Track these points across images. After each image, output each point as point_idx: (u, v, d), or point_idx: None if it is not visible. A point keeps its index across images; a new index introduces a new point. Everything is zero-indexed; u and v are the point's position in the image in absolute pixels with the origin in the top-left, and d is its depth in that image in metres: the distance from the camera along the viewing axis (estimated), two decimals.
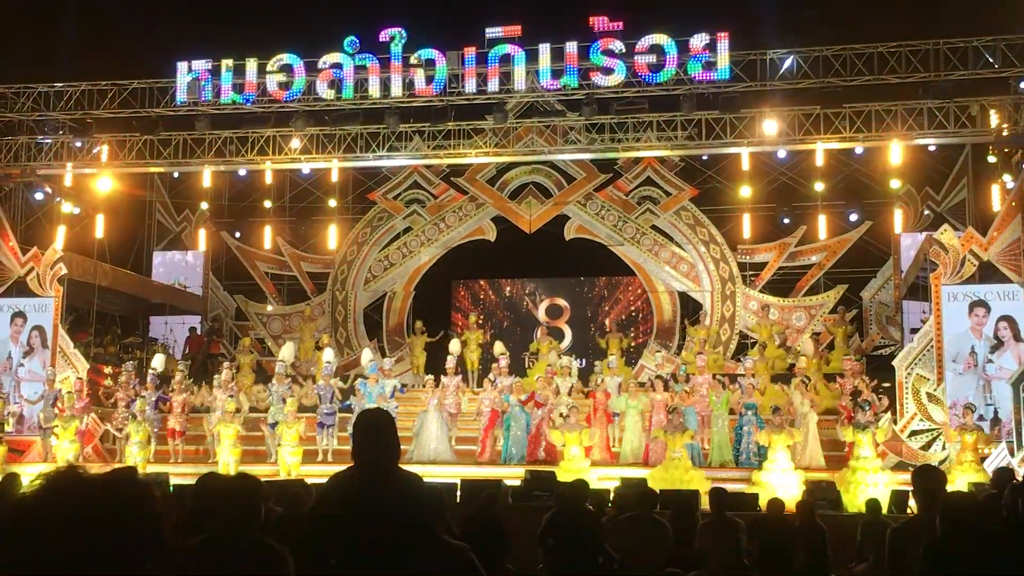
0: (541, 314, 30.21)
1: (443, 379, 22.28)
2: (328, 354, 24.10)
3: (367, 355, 23.89)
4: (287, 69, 23.26)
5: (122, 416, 22.06)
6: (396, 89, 22.93)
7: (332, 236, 30.22)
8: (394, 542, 4.11)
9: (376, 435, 4.45)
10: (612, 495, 14.52)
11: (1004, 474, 13.55)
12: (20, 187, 26.23)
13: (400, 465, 4.44)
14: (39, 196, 26.36)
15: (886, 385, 21.63)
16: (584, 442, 19.36)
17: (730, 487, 15.40)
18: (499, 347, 24.22)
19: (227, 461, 19.94)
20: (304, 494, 9.92)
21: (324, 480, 4.67)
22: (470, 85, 22.79)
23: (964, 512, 5.27)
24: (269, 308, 31.08)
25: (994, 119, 22.59)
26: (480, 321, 29.03)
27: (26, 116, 24.94)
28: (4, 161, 25.51)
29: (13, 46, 24.22)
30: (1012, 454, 18.65)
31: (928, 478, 6.30)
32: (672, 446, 18.69)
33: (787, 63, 22.25)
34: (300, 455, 20.21)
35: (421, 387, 23.68)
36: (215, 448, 21.23)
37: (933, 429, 20.68)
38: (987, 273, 21.06)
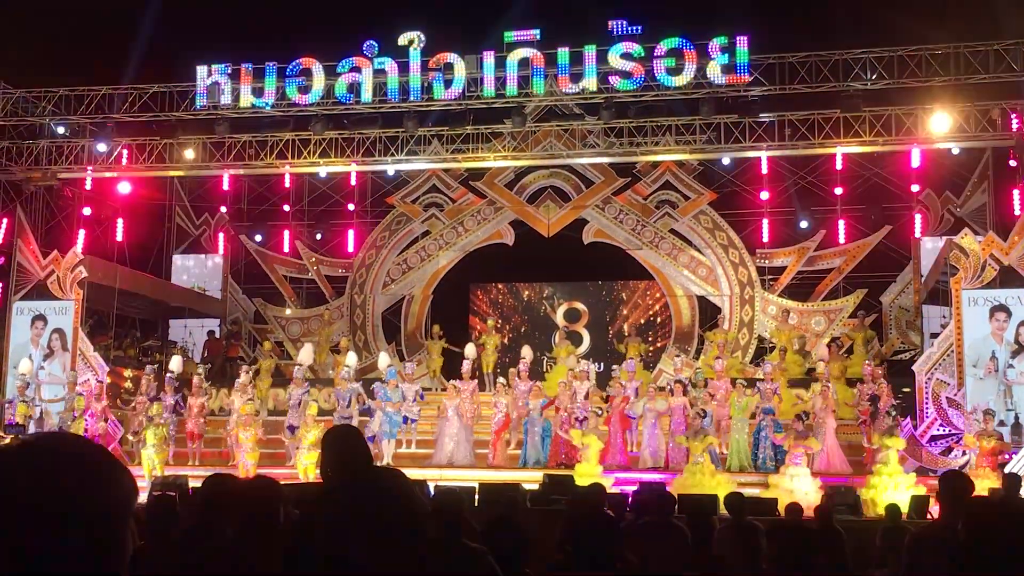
0: (559, 318, 30.16)
1: (458, 383, 22.22)
2: (351, 358, 24.11)
3: (384, 359, 23.88)
4: (306, 73, 23.31)
5: (140, 419, 22.13)
6: (415, 93, 22.96)
7: (351, 240, 30.27)
8: (392, 540, 4.10)
9: (346, 446, 4.49)
10: (630, 499, 14.48)
11: (1013, 480, 13.51)
12: (41, 190, 26.38)
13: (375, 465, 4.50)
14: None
15: (905, 390, 21.54)
16: (585, 444, 19.39)
17: (748, 491, 15.36)
18: (527, 351, 24.15)
19: (246, 464, 19.99)
20: None
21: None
22: (489, 89, 22.79)
23: (988, 517, 5.24)
24: (288, 312, 31.13)
25: (1015, 123, 22.48)
26: (498, 325, 29.02)
27: (47, 120, 25.08)
28: (25, 164, 25.66)
29: (34, 50, 24.37)
30: None
31: (956, 484, 6.27)
32: (695, 451, 18.66)
33: None
34: (316, 458, 20.19)
35: (440, 391, 23.67)
36: (234, 451, 21.29)
37: (953, 434, 20.59)
38: (1008, 277, 20.95)
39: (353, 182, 28.62)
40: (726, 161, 26.44)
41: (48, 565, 1.75)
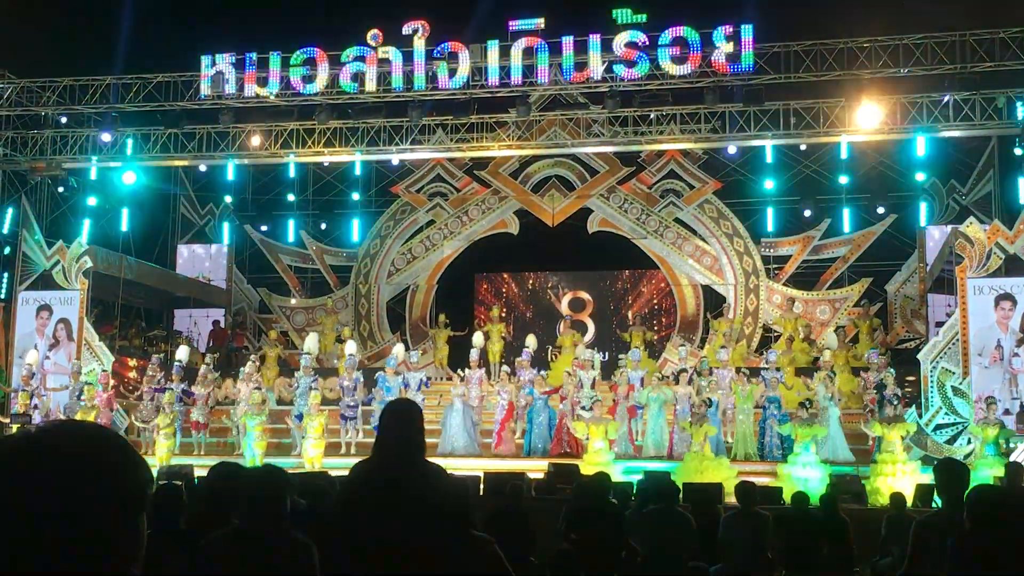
0: (564, 307, 30.17)
1: (466, 372, 22.28)
2: (351, 346, 24.10)
3: (399, 349, 23.83)
4: (310, 63, 23.31)
5: (147, 409, 22.17)
6: (419, 82, 22.95)
7: (355, 229, 30.27)
8: (421, 535, 4.11)
9: (404, 426, 4.46)
10: (635, 488, 14.50)
11: (1015, 469, 13.48)
12: (46, 180, 26.40)
13: (426, 458, 4.46)
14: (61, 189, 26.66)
15: (910, 379, 21.52)
16: (609, 435, 19.38)
17: (753, 480, 15.38)
18: (531, 340, 24.17)
19: (252, 454, 20.04)
20: (327, 487, 9.95)
21: (347, 473, 4.70)
22: (493, 78, 22.77)
23: (992, 506, 5.25)
24: (292, 301, 31.15)
25: (1020, 111, 22.43)
26: (503, 314, 29.02)
27: (52, 110, 25.08)
28: (30, 154, 25.68)
29: (39, 40, 24.38)
30: None
31: (951, 472, 6.27)
32: (696, 438, 18.67)
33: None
34: (323, 447, 20.27)
35: (446, 380, 23.68)
36: (240, 440, 21.35)
37: (958, 423, 20.58)
38: (1013, 266, 20.91)
39: (357, 171, 28.61)
40: (731, 150, 26.40)
41: (66, 553, 1.76)
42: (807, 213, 28.58)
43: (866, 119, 22.83)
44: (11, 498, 1.74)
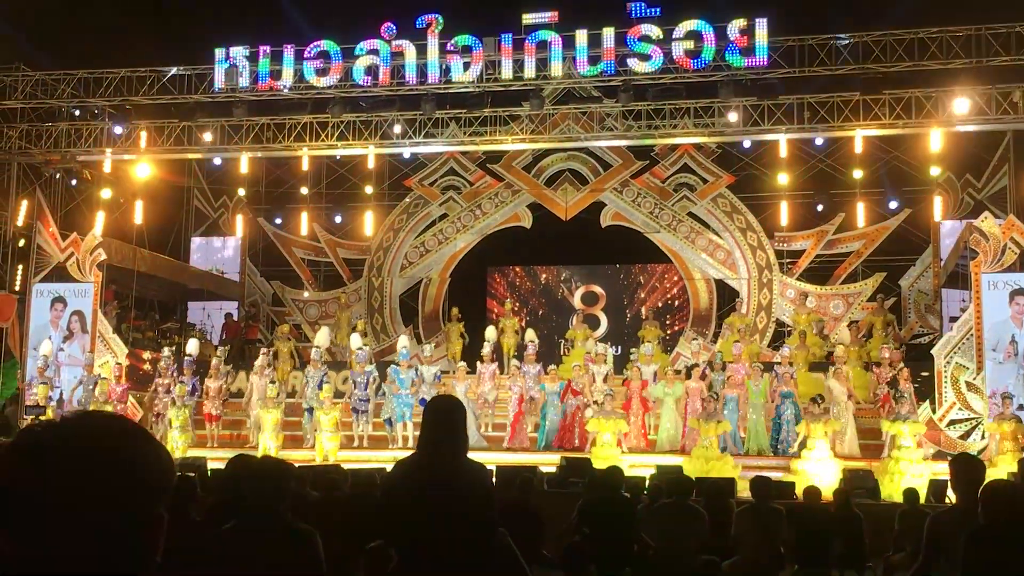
0: (577, 301, 30.16)
1: (479, 366, 22.26)
2: (356, 340, 24.09)
3: (403, 342, 23.88)
4: (324, 56, 23.28)
5: (162, 401, 22.22)
6: (433, 76, 22.92)
7: (368, 222, 30.29)
8: (460, 535, 4.13)
9: (448, 423, 4.48)
10: (647, 482, 14.49)
11: None
12: (60, 173, 26.45)
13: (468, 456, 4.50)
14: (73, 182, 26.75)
15: (924, 374, 21.45)
16: (621, 429, 19.37)
17: (767, 475, 15.36)
18: (530, 334, 24.21)
19: (268, 447, 20.08)
20: (340, 479, 9.97)
21: (360, 465, 4.73)
22: (507, 72, 22.72)
23: (1007, 501, 5.22)
24: (305, 294, 31.21)
25: None
26: (515, 308, 29.02)
27: (66, 103, 25.12)
28: (44, 147, 25.72)
29: (54, 33, 24.43)
30: None
31: (967, 467, 6.25)
32: (705, 434, 18.64)
33: None
34: (338, 440, 20.31)
35: (453, 373, 23.75)
36: (255, 433, 21.39)
37: (972, 418, 20.52)
38: None
39: (371, 165, 28.63)
40: (745, 144, 26.37)
41: (90, 543, 1.76)
42: (820, 207, 28.54)
43: (881, 113, 22.70)
44: (35, 489, 1.75)
